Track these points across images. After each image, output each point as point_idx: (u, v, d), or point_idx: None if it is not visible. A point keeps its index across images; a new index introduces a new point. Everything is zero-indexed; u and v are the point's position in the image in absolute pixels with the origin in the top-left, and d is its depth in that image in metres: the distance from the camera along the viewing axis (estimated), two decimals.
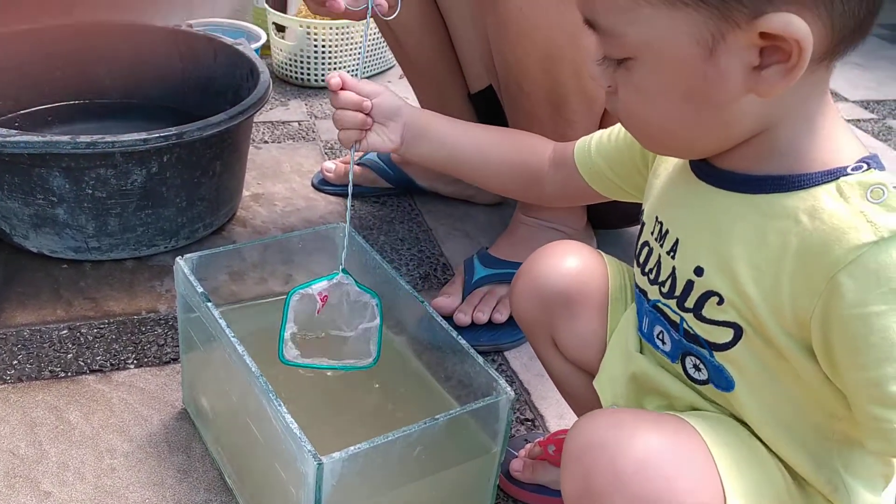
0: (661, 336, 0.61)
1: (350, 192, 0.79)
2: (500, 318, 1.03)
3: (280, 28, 1.71)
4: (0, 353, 0.95)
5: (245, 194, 1.29)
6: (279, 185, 1.35)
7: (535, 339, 0.75)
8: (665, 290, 0.58)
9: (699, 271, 0.55)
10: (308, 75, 1.70)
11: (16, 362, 0.94)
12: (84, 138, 0.99)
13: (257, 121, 1.53)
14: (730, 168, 0.55)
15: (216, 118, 1.06)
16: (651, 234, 0.61)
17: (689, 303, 0.56)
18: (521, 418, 0.93)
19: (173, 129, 1.02)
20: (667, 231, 0.59)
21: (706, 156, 0.56)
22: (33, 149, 0.98)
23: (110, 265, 1.11)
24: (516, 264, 1.04)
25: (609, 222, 1.20)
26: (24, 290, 1.06)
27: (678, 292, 0.57)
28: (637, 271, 0.63)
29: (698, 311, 0.56)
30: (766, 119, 0.51)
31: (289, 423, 0.64)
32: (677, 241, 0.57)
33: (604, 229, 1.21)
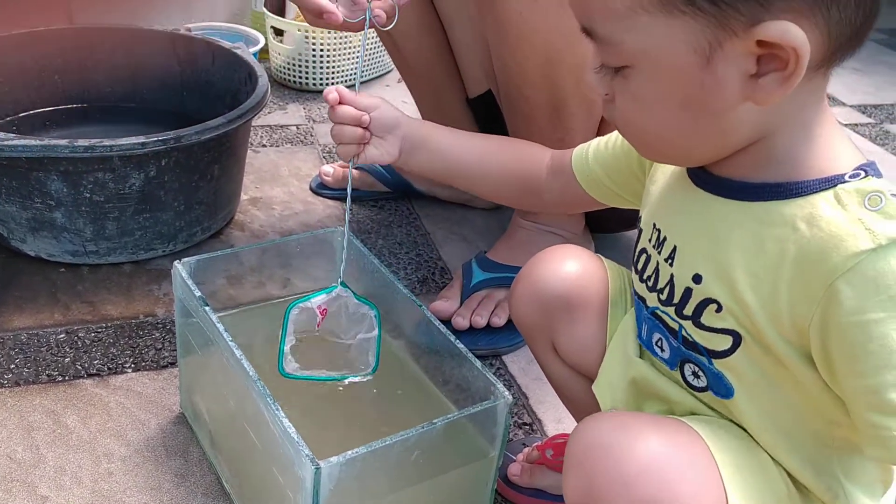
0: (659, 343, 0.61)
1: (347, 217, 0.79)
2: (498, 321, 1.03)
3: (278, 32, 1.71)
4: None
5: (243, 198, 1.29)
6: (277, 189, 1.35)
7: (534, 344, 0.75)
8: (663, 297, 0.58)
9: (697, 279, 0.55)
10: (306, 79, 1.70)
11: (13, 366, 0.94)
12: (82, 142, 0.99)
13: (255, 124, 1.53)
14: (727, 175, 0.54)
15: (214, 122, 1.06)
16: (649, 240, 0.61)
17: (688, 310, 0.56)
18: (518, 422, 0.93)
19: (171, 133, 1.02)
20: (665, 238, 0.59)
21: (703, 163, 0.56)
22: (31, 153, 0.98)
23: (108, 269, 1.11)
24: (514, 268, 1.04)
25: (607, 226, 1.20)
26: (22, 293, 1.05)
27: (676, 300, 0.57)
28: (635, 278, 0.63)
29: (697, 318, 0.56)
30: (764, 127, 0.51)
31: (286, 428, 0.64)
32: (675, 249, 0.57)
33: (602, 233, 1.21)
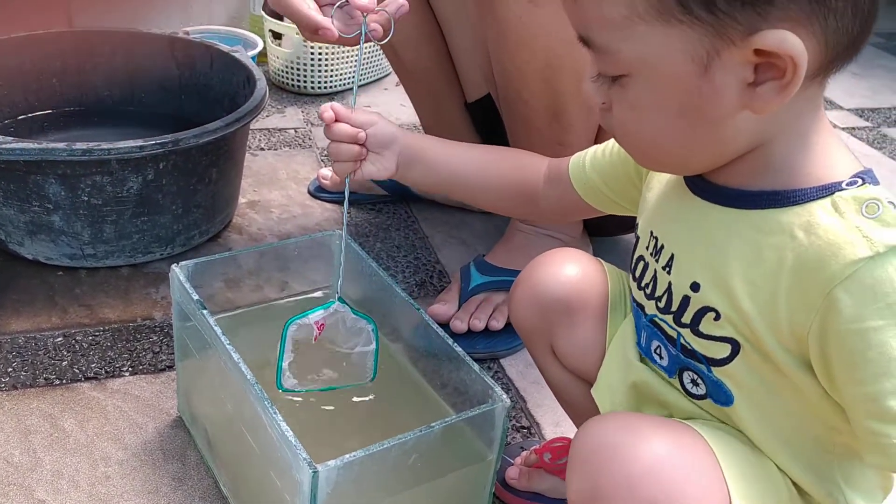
0: (658, 351, 0.61)
1: (344, 232, 0.79)
2: (496, 325, 1.03)
3: (277, 35, 1.71)
4: None
5: (241, 201, 1.29)
6: (275, 193, 1.35)
7: (533, 347, 0.75)
8: (661, 305, 0.58)
9: (695, 287, 0.55)
10: (304, 83, 1.70)
11: (10, 370, 0.93)
12: (80, 145, 0.99)
13: (254, 128, 1.53)
14: (724, 183, 0.54)
15: (212, 125, 1.06)
16: (646, 248, 0.61)
17: (686, 318, 0.56)
18: (516, 426, 0.93)
19: (169, 137, 1.02)
20: (662, 246, 0.59)
21: (700, 172, 0.56)
22: (29, 156, 0.98)
23: (106, 272, 1.11)
24: (513, 272, 1.05)
25: (605, 230, 1.20)
26: (19, 297, 1.05)
27: (674, 308, 0.57)
28: (633, 285, 0.63)
29: (695, 326, 0.56)
30: (761, 135, 0.51)
31: (284, 431, 0.64)
32: (672, 257, 0.57)
33: (600, 237, 1.21)
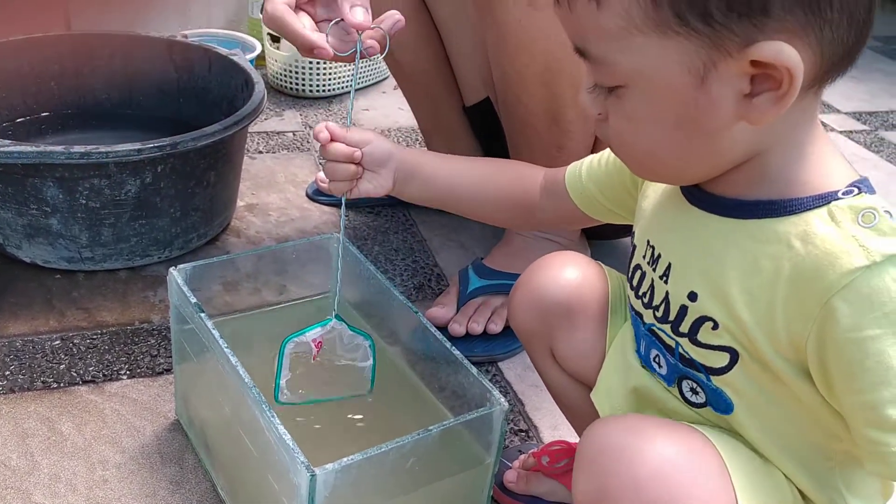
0: (657, 359, 0.61)
1: (340, 249, 0.79)
2: (494, 328, 1.03)
3: (275, 39, 1.71)
4: None
5: (239, 204, 1.29)
6: (273, 196, 1.35)
7: (532, 351, 0.75)
8: (659, 314, 0.58)
9: (693, 296, 0.55)
10: (303, 86, 1.70)
11: (8, 373, 0.93)
12: (78, 148, 0.99)
13: (252, 131, 1.53)
14: (721, 193, 0.55)
15: (210, 128, 1.06)
16: (643, 257, 0.61)
17: (684, 327, 0.56)
18: (514, 429, 0.93)
19: (167, 140, 1.02)
20: (659, 255, 0.59)
21: (697, 182, 0.56)
22: (27, 159, 0.98)
23: (103, 275, 1.11)
24: (511, 275, 1.05)
25: (603, 233, 1.20)
26: (17, 300, 1.05)
27: (672, 317, 0.57)
28: (631, 294, 0.63)
29: (693, 335, 0.56)
30: (757, 145, 0.51)
31: (282, 435, 0.64)
32: (670, 266, 0.57)
33: (598, 240, 1.21)
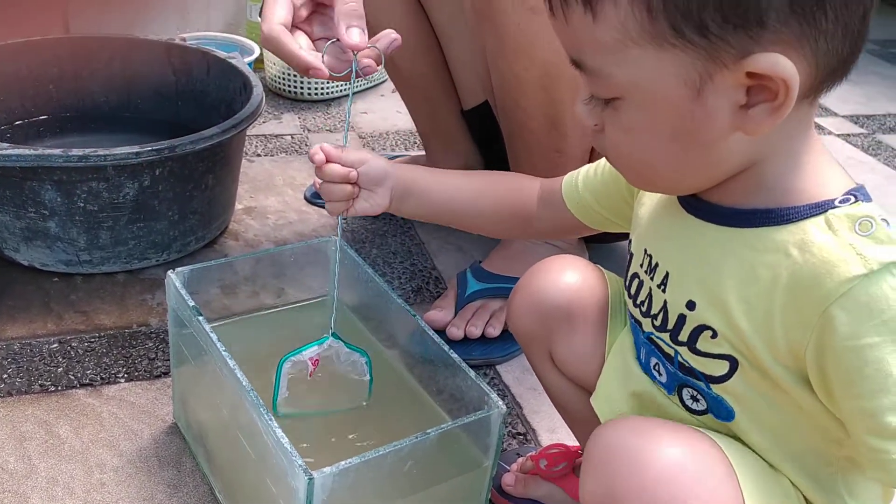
0: (657, 367, 0.61)
1: (337, 264, 0.79)
2: (493, 332, 1.03)
3: None
4: None
5: (237, 207, 1.29)
6: (272, 199, 1.35)
7: (532, 354, 0.75)
8: (657, 323, 0.58)
9: (691, 305, 0.55)
10: (301, 89, 1.71)
11: (6, 376, 0.93)
12: (76, 152, 0.99)
13: (250, 134, 1.53)
14: (718, 202, 0.55)
15: (209, 132, 1.06)
16: (640, 266, 0.61)
17: (683, 336, 0.56)
18: (512, 432, 0.93)
19: (165, 143, 1.02)
20: (656, 264, 0.59)
21: (693, 192, 0.56)
22: (25, 162, 0.98)
23: (101, 278, 1.11)
24: (509, 278, 1.05)
25: (601, 237, 1.20)
26: (15, 303, 1.05)
27: (671, 326, 0.57)
28: (629, 302, 0.63)
29: (692, 344, 0.56)
30: (753, 156, 0.52)
31: (279, 438, 0.64)
32: (667, 275, 0.57)
33: (596, 244, 1.21)
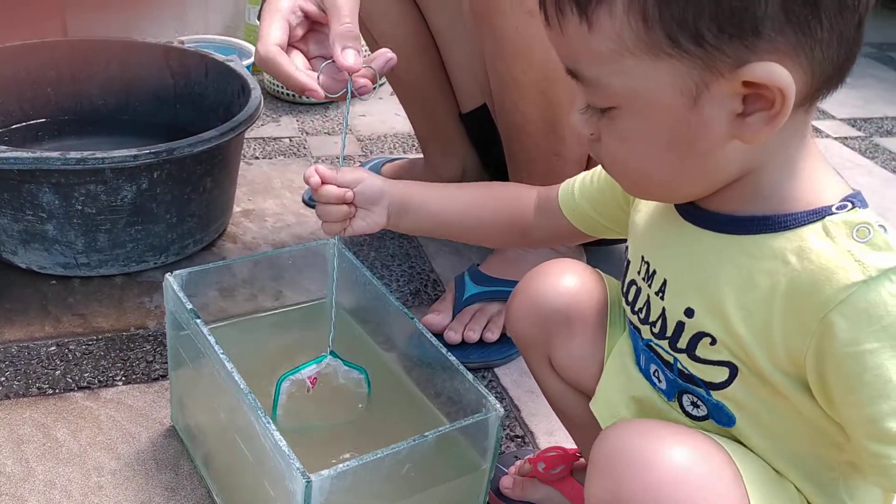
0: (656, 374, 0.61)
1: (334, 276, 0.79)
2: (491, 337, 1.03)
3: None
4: None
5: (236, 210, 1.29)
6: (270, 201, 1.35)
7: (530, 358, 0.75)
8: (656, 330, 0.58)
9: (689, 312, 0.55)
10: None
11: (3, 379, 0.93)
12: (74, 154, 0.99)
13: (248, 137, 1.53)
14: (715, 209, 0.55)
15: (207, 134, 1.06)
16: (638, 273, 0.61)
17: (682, 343, 0.56)
18: (510, 435, 0.93)
19: (163, 146, 1.02)
20: (654, 271, 0.59)
21: (690, 200, 0.56)
22: (23, 165, 0.98)
23: (99, 281, 1.11)
24: (507, 282, 1.05)
25: (599, 240, 1.20)
26: (12, 306, 1.05)
27: (669, 333, 0.57)
28: (627, 309, 0.63)
29: (692, 351, 0.56)
30: (749, 164, 0.52)
31: (277, 441, 0.64)
32: (665, 282, 0.57)
33: (594, 246, 1.21)
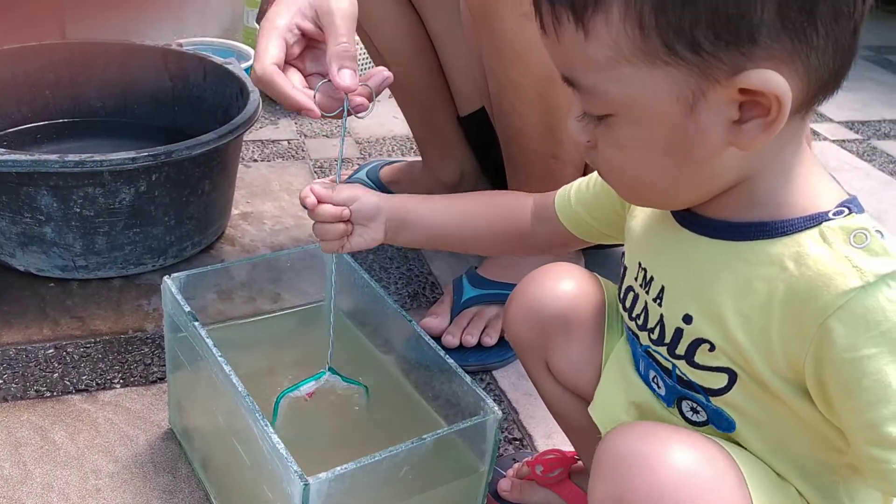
0: (655, 380, 0.61)
1: (332, 285, 0.79)
2: (489, 341, 1.03)
3: None
4: None
5: (234, 213, 1.29)
6: (268, 204, 1.35)
7: (528, 363, 0.75)
8: (654, 336, 0.58)
9: (688, 319, 0.55)
10: None
11: (1, 381, 0.93)
12: (72, 157, 0.99)
13: (247, 139, 1.53)
14: (712, 215, 0.55)
15: (205, 137, 1.06)
16: (635, 279, 0.61)
17: (680, 350, 0.56)
18: (508, 437, 0.93)
19: (162, 148, 1.03)
20: (651, 278, 0.59)
21: (686, 207, 0.56)
22: (21, 167, 0.98)
23: (97, 284, 1.11)
24: (505, 285, 1.04)
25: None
26: (10, 308, 1.05)
27: (668, 339, 0.57)
28: (624, 315, 0.63)
29: (690, 357, 0.56)
30: (746, 170, 0.52)
31: (275, 444, 0.64)
32: (663, 289, 0.57)
33: (592, 249, 1.21)
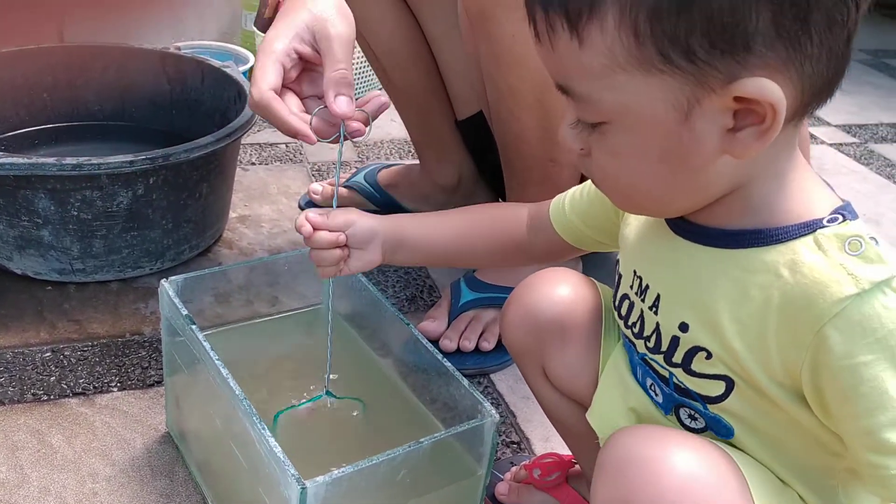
0: (652, 388, 0.61)
1: (331, 288, 0.79)
2: (487, 346, 1.02)
3: None
4: None
5: (232, 216, 1.29)
6: (266, 207, 1.35)
7: (525, 368, 0.75)
8: (651, 344, 0.58)
9: (684, 327, 0.55)
10: None
11: None
12: (70, 160, 0.99)
13: (245, 142, 1.53)
14: (706, 223, 0.55)
15: (203, 140, 1.06)
16: (630, 287, 0.61)
17: (677, 358, 0.56)
18: (506, 441, 0.93)
19: (159, 152, 1.03)
20: (647, 286, 0.59)
21: (680, 214, 0.56)
22: (18, 170, 0.98)
23: (95, 287, 1.11)
24: (503, 288, 1.05)
25: None
26: (8, 311, 1.05)
27: (664, 347, 0.57)
28: (620, 323, 0.63)
29: (687, 365, 0.56)
30: (740, 178, 0.52)
31: (272, 447, 0.63)
32: (658, 297, 0.57)
33: (590, 252, 1.21)
